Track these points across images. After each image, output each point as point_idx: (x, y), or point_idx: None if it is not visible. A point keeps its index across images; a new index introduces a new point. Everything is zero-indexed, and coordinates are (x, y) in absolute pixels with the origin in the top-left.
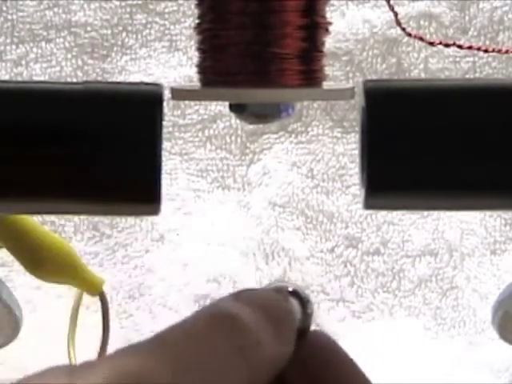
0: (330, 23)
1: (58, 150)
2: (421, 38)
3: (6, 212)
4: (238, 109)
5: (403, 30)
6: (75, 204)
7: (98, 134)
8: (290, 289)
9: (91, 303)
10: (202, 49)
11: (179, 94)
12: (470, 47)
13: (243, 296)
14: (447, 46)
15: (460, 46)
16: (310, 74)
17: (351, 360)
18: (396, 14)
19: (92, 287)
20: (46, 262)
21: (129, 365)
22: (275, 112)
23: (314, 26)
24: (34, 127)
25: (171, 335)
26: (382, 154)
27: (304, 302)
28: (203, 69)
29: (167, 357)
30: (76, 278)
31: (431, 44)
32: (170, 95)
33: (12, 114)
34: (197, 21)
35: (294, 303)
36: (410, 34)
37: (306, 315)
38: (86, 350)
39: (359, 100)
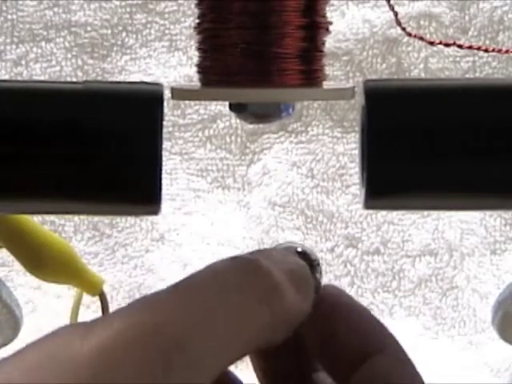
0: (331, 23)
1: (57, 149)
2: (421, 38)
3: (5, 212)
4: (238, 109)
5: (403, 29)
6: (75, 204)
7: (98, 133)
8: (299, 249)
9: (91, 303)
10: (202, 48)
11: (179, 93)
12: (470, 47)
13: (264, 253)
14: (447, 45)
15: (460, 46)
16: (310, 74)
17: (362, 306)
18: (396, 14)
19: (92, 287)
20: (45, 261)
21: (143, 316)
22: (275, 112)
23: (314, 26)
24: (33, 127)
25: (193, 283)
26: (382, 154)
27: (314, 264)
28: (203, 68)
29: (187, 307)
30: (76, 277)
31: (431, 44)
32: (170, 95)
33: (11, 114)
34: (197, 20)
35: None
36: (410, 34)
37: (315, 278)
38: None
39: (359, 100)
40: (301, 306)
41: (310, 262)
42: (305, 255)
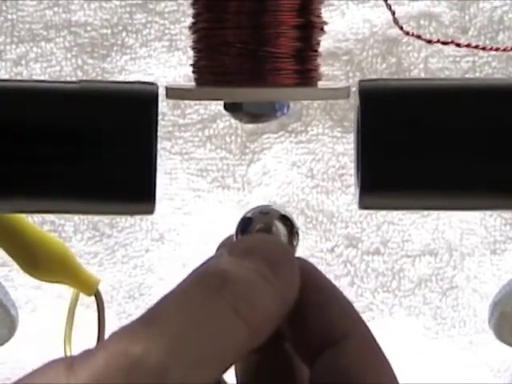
0: (326, 23)
1: (52, 148)
2: (418, 37)
3: (1, 211)
4: (232, 108)
5: (401, 28)
6: (70, 203)
7: (92, 132)
8: (282, 213)
9: (91, 303)
10: (197, 48)
11: (174, 93)
12: (468, 45)
13: (236, 246)
14: (445, 43)
15: (458, 45)
16: (305, 74)
17: (333, 285)
18: (393, 13)
19: (87, 287)
20: (40, 261)
21: (124, 350)
22: (270, 111)
23: (309, 26)
24: (28, 126)
25: (163, 309)
26: (376, 154)
27: (293, 232)
28: (198, 68)
29: (161, 334)
30: (71, 277)
31: (429, 42)
32: None
33: (6, 113)
34: (192, 20)
35: (281, 228)
36: (407, 33)
37: (292, 245)
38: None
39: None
40: (283, 295)
41: (290, 228)
42: (287, 220)
